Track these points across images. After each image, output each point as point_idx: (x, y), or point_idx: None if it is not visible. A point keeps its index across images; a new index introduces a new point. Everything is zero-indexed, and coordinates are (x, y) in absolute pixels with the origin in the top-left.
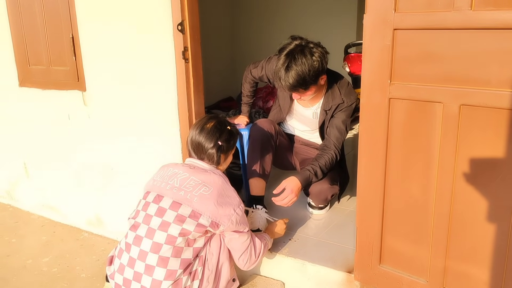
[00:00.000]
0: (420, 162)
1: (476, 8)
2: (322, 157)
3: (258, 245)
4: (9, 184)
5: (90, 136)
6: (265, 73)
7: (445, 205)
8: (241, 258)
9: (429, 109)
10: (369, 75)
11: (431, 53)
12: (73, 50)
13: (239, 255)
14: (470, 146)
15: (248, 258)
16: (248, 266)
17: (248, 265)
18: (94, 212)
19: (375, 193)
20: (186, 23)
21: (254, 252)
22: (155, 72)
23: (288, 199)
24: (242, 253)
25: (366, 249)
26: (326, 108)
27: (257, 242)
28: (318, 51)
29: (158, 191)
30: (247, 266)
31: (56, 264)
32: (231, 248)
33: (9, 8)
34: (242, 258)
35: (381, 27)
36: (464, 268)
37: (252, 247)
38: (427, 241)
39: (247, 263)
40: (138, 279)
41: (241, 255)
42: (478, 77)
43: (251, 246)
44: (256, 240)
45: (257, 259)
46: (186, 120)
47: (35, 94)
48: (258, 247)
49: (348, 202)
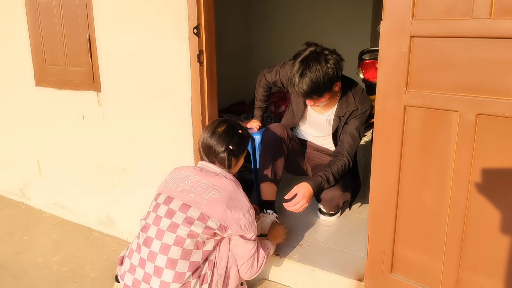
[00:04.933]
0: (434, 171)
1: (496, 17)
2: (335, 163)
3: (261, 257)
4: (22, 182)
5: (104, 137)
6: (279, 78)
7: (459, 215)
8: (243, 266)
9: (445, 117)
10: (385, 82)
11: (448, 61)
12: (89, 51)
13: (242, 262)
14: (486, 156)
15: (249, 267)
16: (248, 275)
17: (248, 275)
18: (106, 212)
19: (388, 201)
20: (202, 26)
21: (256, 262)
22: (169, 74)
23: (300, 205)
24: (245, 261)
25: (377, 257)
26: (340, 114)
27: (261, 253)
28: (333, 58)
29: (169, 193)
30: (247, 275)
31: (66, 262)
32: (235, 253)
33: (27, 8)
34: (244, 266)
35: (398, 34)
36: (477, 280)
37: (256, 257)
38: (440, 251)
39: (248, 272)
40: (147, 281)
41: (243, 263)
42: (496, 86)
43: (255, 257)
44: (261, 251)
45: (258, 270)
46: (199, 123)
47: (51, 93)
48: (261, 259)
49: (360, 209)
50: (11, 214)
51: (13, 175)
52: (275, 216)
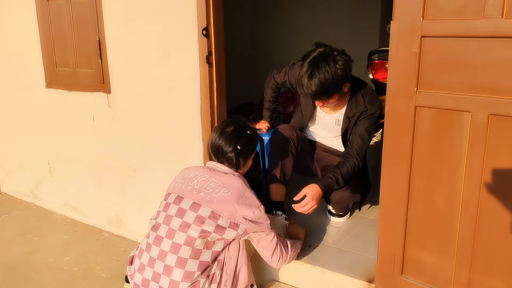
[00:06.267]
0: (445, 172)
1: (508, 16)
2: (344, 164)
3: (284, 242)
4: (33, 183)
5: (114, 137)
6: (288, 79)
7: (470, 216)
8: (273, 256)
9: (456, 118)
10: (395, 82)
11: (459, 61)
12: (99, 53)
13: (271, 253)
14: (498, 157)
15: (280, 255)
16: (281, 262)
17: (281, 262)
18: (115, 213)
19: (398, 202)
20: (211, 28)
21: (284, 248)
22: (179, 76)
23: (309, 206)
24: (273, 251)
25: (388, 259)
26: (349, 115)
27: (282, 239)
28: (342, 59)
29: (179, 193)
30: (280, 262)
31: (77, 263)
32: (262, 249)
33: (38, 11)
34: (274, 256)
35: (409, 34)
36: (489, 282)
37: (280, 244)
38: (451, 253)
39: (280, 259)
40: (157, 280)
41: (273, 253)
42: (508, 86)
43: (279, 244)
44: (281, 238)
45: (289, 255)
46: (209, 124)
47: (61, 95)
48: (285, 244)
49: (369, 210)
50: (22, 215)
51: (24, 176)
52: (285, 218)
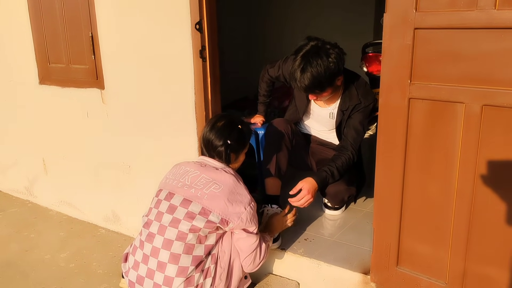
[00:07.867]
0: (440, 163)
1: (501, 7)
2: (339, 158)
3: (263, 250)
4: (28, 181)
5: (108, 134)
6: (281, 73)
7: (465, 206)
8: (246, 260)
9: (450, 109)
10: (389, 75)
11: (453, 52)
12: (92, 48)
13: (244, 256)
14: (492, 147)
15: (252, 260)
16: (251, 268)
17: (250, 268)
18: (111, 209)
19: (393, 194)
20: (204, 22)
21: (259, 256)
22: (172, 71)
23: (304, 200)
24: (247, 255)
25: (383, 250)
26: (343, 108)
27: (263, 246)
28: (334, 52)
29: (170, 189)
30: (249, 268)
31: (73, 259)
32: (238, 247)
33: (30, 7)
34: (246, 260)
35: (402, 26)
36: (484, 271)
37: (258, 251)
38: (446, 243)
39: (250, 265)
40: (151, 276)
41: (246, 257)
42: (502, 77)
43: (257, 250)
44: (263, 245)
45: (260, 263)
46: (203, 119)
47: (55, 91)
48: (263, 252)
49: (365, 203)
50: (18, 212)
51: (19, 174)
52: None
